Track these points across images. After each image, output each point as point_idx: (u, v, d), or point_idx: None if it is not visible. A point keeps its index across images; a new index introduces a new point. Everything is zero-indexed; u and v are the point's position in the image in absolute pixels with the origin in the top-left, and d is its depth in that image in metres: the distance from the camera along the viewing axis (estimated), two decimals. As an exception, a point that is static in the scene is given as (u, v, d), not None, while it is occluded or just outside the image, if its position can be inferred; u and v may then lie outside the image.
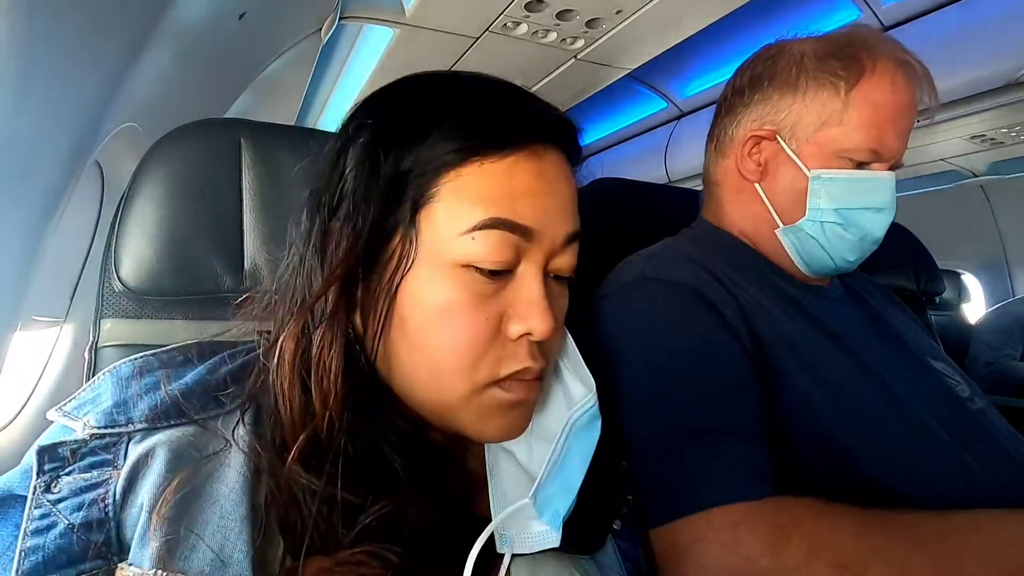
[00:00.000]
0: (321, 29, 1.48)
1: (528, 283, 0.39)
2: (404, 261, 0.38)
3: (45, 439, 0.36)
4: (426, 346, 0.38)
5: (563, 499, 0.39)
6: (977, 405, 0.67)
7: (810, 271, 0.69)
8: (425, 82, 0.41)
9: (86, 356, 0.54)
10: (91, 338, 0.54)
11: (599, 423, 0.41)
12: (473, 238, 0.37)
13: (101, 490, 0.33)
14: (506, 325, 0.38)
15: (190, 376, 0.39)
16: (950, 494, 0.54)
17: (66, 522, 0.32)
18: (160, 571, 0.31)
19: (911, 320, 0.79)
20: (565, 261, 0.41)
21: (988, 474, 0.58)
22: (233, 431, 0.37)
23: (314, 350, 0.37)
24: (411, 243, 0.38)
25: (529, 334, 0.38)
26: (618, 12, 1.41)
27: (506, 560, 0.38)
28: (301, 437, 0.35)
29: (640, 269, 0.63)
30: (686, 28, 1.53)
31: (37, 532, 0.32)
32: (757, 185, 0.69)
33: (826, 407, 0.56)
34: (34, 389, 1.02)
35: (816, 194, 0.64)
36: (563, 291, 0.43)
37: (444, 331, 0.37)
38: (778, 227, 0.67)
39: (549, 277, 0.41)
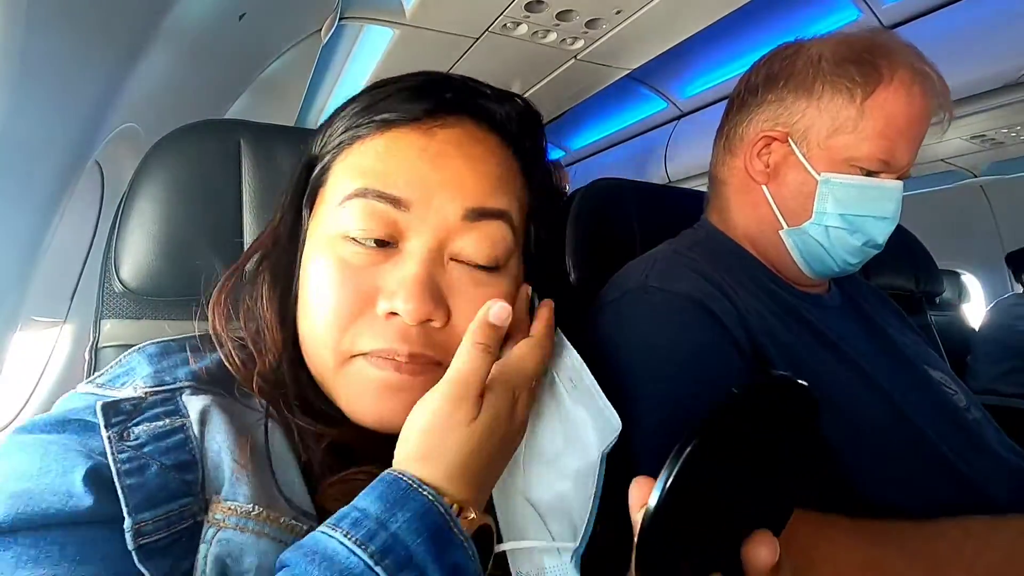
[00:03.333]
0: (321, 29, 1.48)
1: (405, 260, 0.38)
2: (305, 234, 0.43)
3: (65, 405, 0.37)
4: (308, 309, 0.40)
5: (581, 542, 0.37)
6: (973, 416, 0.67)
7: (812, 272, 0.68)
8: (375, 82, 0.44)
9: (86, 357, 0.54)
10: (91, 338, 0.54)
11: (604, 463, 0.39)
12: (344, 207, 0.39)
13: (181, 435, 0.35)
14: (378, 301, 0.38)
15: (210, 359, 0.41)
16: (944, 505, 0.54)
17: (159, 463, 0.33)
18: (255, 506, 0.34)
19: (909, 328, 0.79)
20: (469, 245, 0.39)
21: (982, 485, 0.58)
22: (266, 406, 0.39)
23: (244, 302, 0.42)
24: (307, 219, 0.43)
25: (396, 314, 0.37)
26: (618, 12, 1.41)
27: None
28: (256, 371, 0.39)
29: (644, 277, 0.62)
30: (686, 28, 1.53)
31: (130, 473, 0.32)
32: (764, 187, 0.68)
33: (824, 418, 0.56)
34: (34, 389, 1.02)
35: (824, 198, 0.63)
36: (480, 279, 0.40)
37: (318, 298, 0.39)
38: (782, 228, 0.67)
39: (454, 262, 0.39)
